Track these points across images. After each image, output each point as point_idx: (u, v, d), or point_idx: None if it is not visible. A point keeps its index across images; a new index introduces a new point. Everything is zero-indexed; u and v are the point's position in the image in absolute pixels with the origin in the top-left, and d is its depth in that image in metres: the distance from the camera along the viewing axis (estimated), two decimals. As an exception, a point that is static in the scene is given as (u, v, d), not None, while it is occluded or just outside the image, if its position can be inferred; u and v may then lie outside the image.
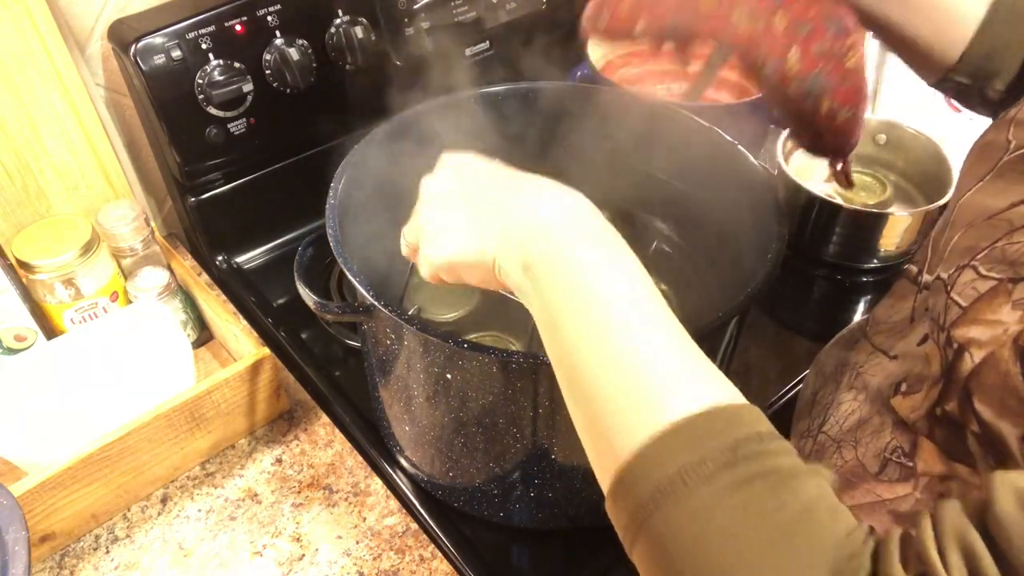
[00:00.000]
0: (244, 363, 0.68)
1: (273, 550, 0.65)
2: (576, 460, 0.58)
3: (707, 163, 0.67)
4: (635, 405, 0.34)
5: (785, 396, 0.75)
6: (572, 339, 0.37)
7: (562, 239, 0.40)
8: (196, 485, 0.69)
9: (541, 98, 0.72)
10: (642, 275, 0.39)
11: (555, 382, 0.51)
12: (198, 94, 0.75)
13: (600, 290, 0.38)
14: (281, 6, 0.77)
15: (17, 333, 0.73)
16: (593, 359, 0.36)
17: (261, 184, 0.87)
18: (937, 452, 0.45)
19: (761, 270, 0.54)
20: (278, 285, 0.87)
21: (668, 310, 0.38)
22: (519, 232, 0.41)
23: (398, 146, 0.66)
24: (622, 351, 0.35)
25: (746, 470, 0.31)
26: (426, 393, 0.57)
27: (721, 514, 0.30)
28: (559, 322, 0.38)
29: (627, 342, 0.36)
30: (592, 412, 0.36)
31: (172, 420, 0.66)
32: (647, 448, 0.32)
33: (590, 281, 0.38)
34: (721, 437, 0.32)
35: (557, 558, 0.65)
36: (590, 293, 0.38)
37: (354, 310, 0.55)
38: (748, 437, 0.32)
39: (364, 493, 0.68)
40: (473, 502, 0.64)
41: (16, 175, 0.75)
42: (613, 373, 0.35)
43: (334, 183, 0.60)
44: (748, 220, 0.61)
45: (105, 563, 0.64)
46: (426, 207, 0.47)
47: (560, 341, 0.38)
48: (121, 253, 0.77)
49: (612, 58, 1.01)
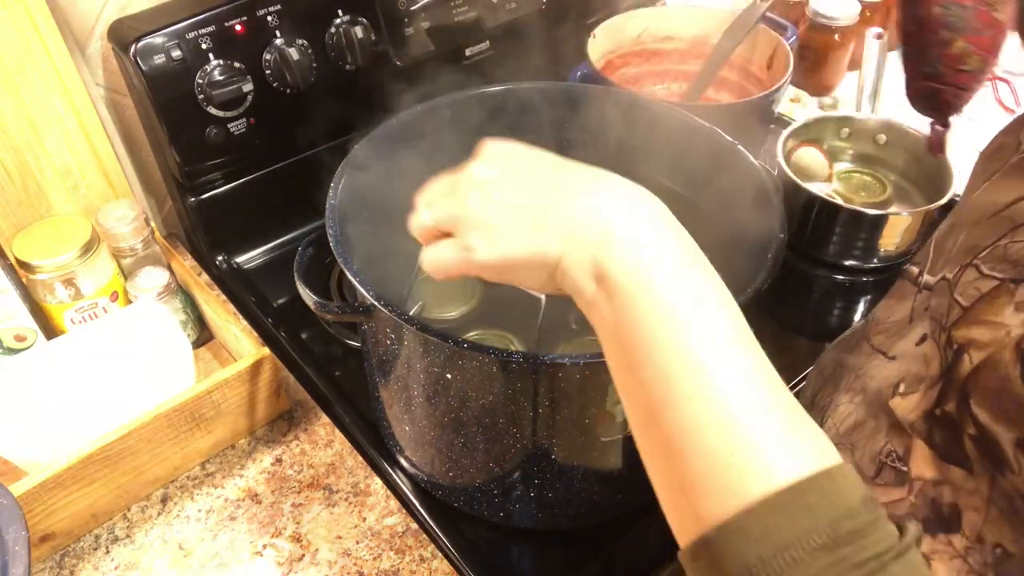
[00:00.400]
0: (244, 363, 0.68)
1: (273, 550, 0.65)
2: (576, 460, 0.58)
3: (707, 163, 0.67)
4: (728, 468, 0.32)
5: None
6: (659, 374, 0.34)
7: (645, 251, 0.36)
8: (196, 485, 0.69)
9: (541, 98, 0.72)
10: (733, 302, 0.36)
11: (555, 382, 0.51)
12: (198, 94, 0.75)
13: (696, 324, 0.34)
14: (281, 6, 0.77)
15: (17, 333, 0.73)
16: (684, 404, 0.33)
17: (261, 184, 0.87)
18: (930, 456, 0.45)
19: (761, 270, 0.54)
20: (278, 285, 0.87)
21: (759, 347, 0.35)
22: (588, 234, 0.37)
23: (398, 146, 0.66)
24: (719, 402, 0.33)
25: (842, 557, 0.30)
26: (426, 393, 0.57)
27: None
28: (642, 349, 0.35)
29: (726, 392, 0.33)
30: (674, 461, 0.34)
31: (172, 420, 0.66)
32: (740, 520, 0.31)
33: (683, 310, 0.35)
34: (818, 513, 0.30)
35: (557, 558, 0.65)
36: (684, 326, 0.34)
37: (354, 310, 0.55)
38: (845, 512, 0.30)
39: (364, 493, 0.68)
40: (473, 502, 0.64)
41: (16, 175, 0.75)
42: (706, 426, 0.33)
43: (334, 183, 0.60)
44: (748, 220, 0.61)
45: (105, 563, 0.64)
46: (471, 194, 0.42)
47: (640, 370, 0.35)
48: (121, 253, 0.77)
49: (612, 58, 1.01)
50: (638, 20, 1.01)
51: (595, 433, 0.54)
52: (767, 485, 0.31)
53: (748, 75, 1.01)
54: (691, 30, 1.02)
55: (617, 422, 0.54)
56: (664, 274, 0.35)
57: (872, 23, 1.16)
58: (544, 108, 0.72)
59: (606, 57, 1.00)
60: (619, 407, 0.52)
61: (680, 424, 0.33)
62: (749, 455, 0.32)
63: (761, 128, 0.95)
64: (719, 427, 0.33)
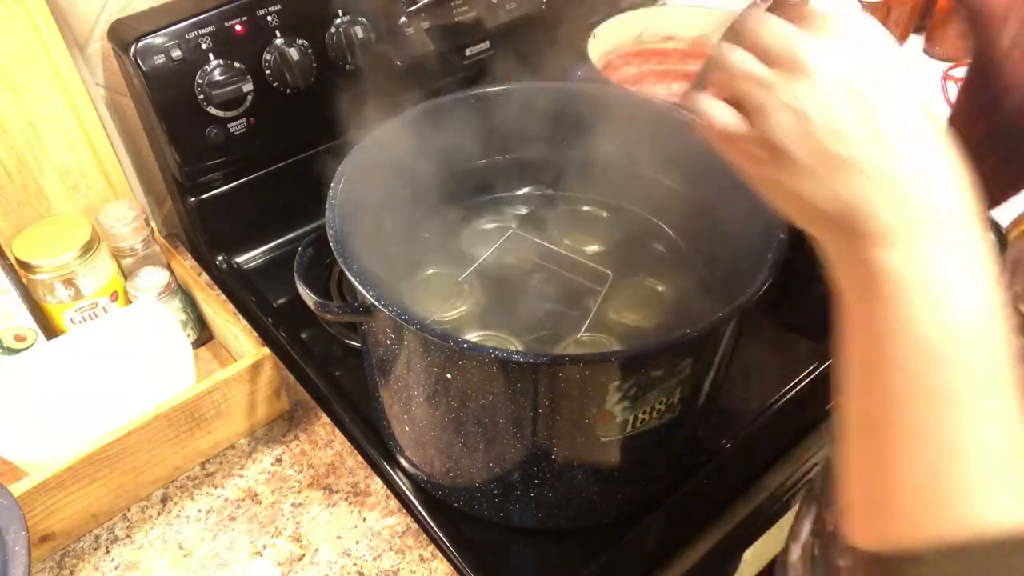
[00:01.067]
0: (244, 363, 0.68)
1: (273, 550, 0.65)
2: (576, 460, 0.58)
3: (707, 163, 0.67)
4: (939, 502, 0.31)
5: (785, 396, 0.75)
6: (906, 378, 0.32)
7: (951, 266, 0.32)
8: (196, 485, 0.69)
9: (541, 98, 0.72)
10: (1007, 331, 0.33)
11: (555, 382, 0.51)
12: (198, 94, 0.75)
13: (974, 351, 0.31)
14: (281, 6, 0.77)
15: (17, 333, 0.73)
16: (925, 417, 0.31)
17: (261, 184, 0.87)
18: None
19: (762, 270, 0.53)
20: (278, 285, 0.87)
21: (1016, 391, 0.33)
22: (899, 218, 0.33)
23: (398, 146, 0.66)
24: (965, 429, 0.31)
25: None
26: (426, 393, 0.57)
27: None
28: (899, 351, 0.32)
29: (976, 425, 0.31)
30: (885, 472, 0.32)
31: (172, 420, 0.66)
32: (930, 556, 0.30)
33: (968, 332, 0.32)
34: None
35: (557, 558, 0.65)
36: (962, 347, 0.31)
37: (354, 310, 0.55)
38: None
39: (364, 493, 0.68)
40: (473, 502, 0.64)
41: (16, 175, 0.75)
42: (937, 448, 0.31)
43: (334, 183, 0.60)
44: (748, 220, 0.61)
45: (105, 563, 0.64)
46: (818, 94, 0.34)
47: (885, 367, 0.33)
48: (121, 253, 0.77)
49: (612, 58, 1.01)
50: (638, 20, 1.01)
51: (595, 433, 0.54)
52: (975, 531, 0.29)
53: (748, 75, 1.01)
54: (691, 30, 1.02)
55: (617, 422, 0.53)
56: (956, 290, 0.32)
57: (872, 23, 1.17)
58: (544, 108, 0.72)
59: (606, 57, 1.00)
60: (619, 407, 0.52)
61: (909, 439, 0.31)
62: (966, 496, 0.30)
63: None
64: (952, 453, 0.31)
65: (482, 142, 0.74)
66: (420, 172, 0.70)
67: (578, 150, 0.75)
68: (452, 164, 0.73)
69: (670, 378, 0.52)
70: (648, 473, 0.63)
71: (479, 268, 0.71)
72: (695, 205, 0.71)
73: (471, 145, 0.73)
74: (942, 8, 1.22)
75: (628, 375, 0.50)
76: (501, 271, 0.73)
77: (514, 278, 0.73)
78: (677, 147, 0.69)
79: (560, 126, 0.73)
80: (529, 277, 0.73)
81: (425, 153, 0.69)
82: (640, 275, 0.73)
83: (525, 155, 0.76)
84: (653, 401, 0.53)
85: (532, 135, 0.74)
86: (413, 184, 0.70)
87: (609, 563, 0.64)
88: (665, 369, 0.51)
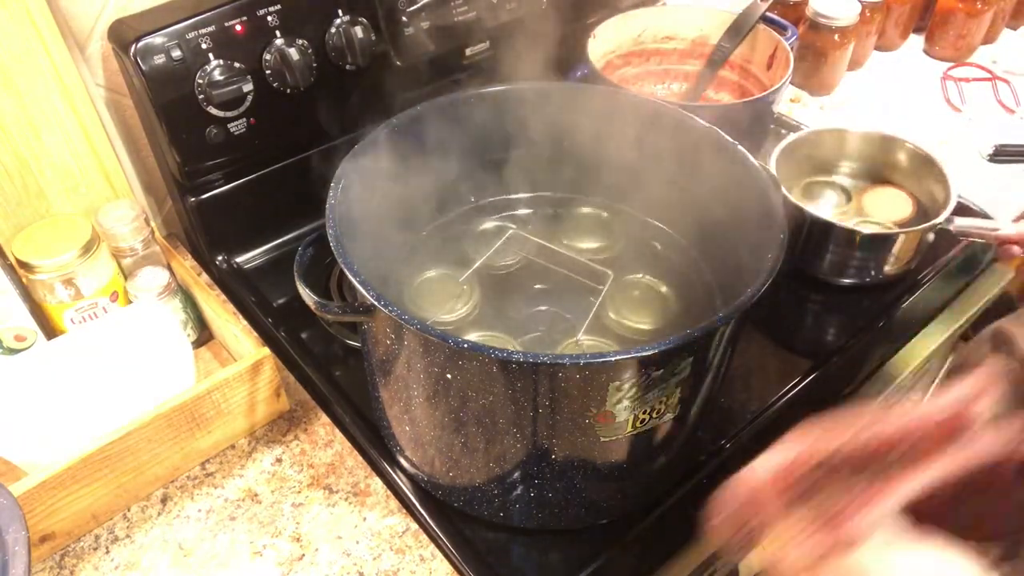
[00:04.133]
0: (244, 363, 0.68)
1: (273, 550, 0.65)
2: (576, 460, 0.58)
3: (707, 163, 0.67)
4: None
5: (785, 396, 0.75)
6: None
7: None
8: (196, 485, 0.69)
9: (541, 98, 0.72)
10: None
11: (555, 382, 0.51)
12: (198, 94, 0.75)
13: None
14: (281, 6, 0.77)
15: (17, 333, 0.73)
16: None
17: (261, 184, 0.87)
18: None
19: (762, 271, 0.54)
20: (278, 285, 0.87)
21: None
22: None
23: (398, 146, 0.66)
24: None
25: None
26: (426, 393, 0.57)
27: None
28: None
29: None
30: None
31: (172, 420, 0.66)
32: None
33: None
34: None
35: (557, 558, 0.65)
36: None
37: (354, 310, 0.55)
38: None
39: (364, 493, 0.68)
40: (473, 502, 0.64)
41: (16, 175, 0.75)
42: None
43: (334, 183, 0.60)
44: (748, 220, 0.61)
45: (105, 563, 0.64)
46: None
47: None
48: (121, 253, 0.77)
49: (612, 58, 1.01)
50: (638, 20, 1.01)
51: (595, 433, 0.54)
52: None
53: (748, 75, 1.01)
54: (691, 30, 1.02)
55: (617, 422, 0.54)
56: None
57: (872, 23, 1.17)
58: (544, 108, 0.72)
59: (606, 57, 1.00)
60: (619, 407, 0.52)
61: None
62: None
63: (761, 128, 0.95)
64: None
65: (482, 142, 0.74)
66: (420, 172, 0.70)
67: (578, 150, 0.75)
68: (452, 164, 0.73)
69: (670, 378, 0.52)
70: (648, 473, 0.63)
71: (479, 269, 0.71)
72: (695, 205, 0.71)
73: (471, 145, 0.73)
74: (942, 8, 1.22)
75: (628, 375, 0.50)
76: (501, 272, 0.73)
77: (514, 279, 0.73)
78: (676, 147, 0.69)
79: (560, 126, 0.73)
80: (529, 277, 0.73)
81: (425, 153, 0.69)
82: (640, 275, 0.73)
83: (525, 155, 0.76)
84: (653, 401, 0.53)
85: (532, 135, 0.74)
86: (413, 184, 0.70)
87: (609, 563, 0.64)
88: (665, 369, 0.51)
